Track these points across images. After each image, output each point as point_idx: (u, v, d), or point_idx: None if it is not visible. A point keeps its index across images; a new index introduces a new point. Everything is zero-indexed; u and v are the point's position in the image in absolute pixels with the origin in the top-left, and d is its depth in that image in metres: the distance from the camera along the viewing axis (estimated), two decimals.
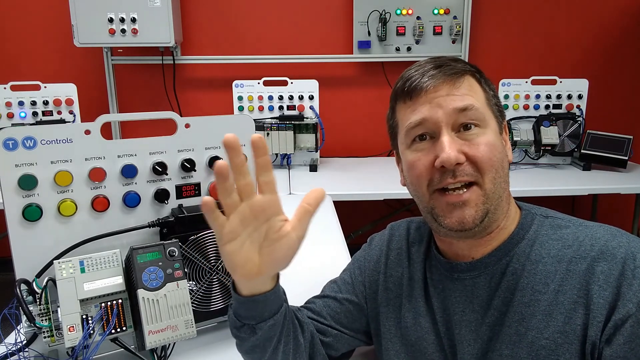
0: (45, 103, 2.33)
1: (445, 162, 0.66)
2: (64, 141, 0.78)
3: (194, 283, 0.88)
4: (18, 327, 0.78)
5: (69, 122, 2.34)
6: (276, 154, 2.43)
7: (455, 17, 2.71)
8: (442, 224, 0.70)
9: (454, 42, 2.75)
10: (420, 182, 0.71)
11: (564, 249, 0.68)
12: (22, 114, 2.33)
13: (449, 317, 0.74)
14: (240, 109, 2.44)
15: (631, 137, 2.34)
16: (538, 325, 0.65)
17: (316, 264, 1.33)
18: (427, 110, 0.69)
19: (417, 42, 2.75)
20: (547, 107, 2.43)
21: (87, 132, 0.80)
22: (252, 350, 0.73)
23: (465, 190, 0.68)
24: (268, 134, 2.36)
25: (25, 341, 0.79)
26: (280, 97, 2.42)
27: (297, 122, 2.39)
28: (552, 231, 0.71)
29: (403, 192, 2.33)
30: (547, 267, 0.68)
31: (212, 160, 0.89)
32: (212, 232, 0.87)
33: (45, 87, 2.34)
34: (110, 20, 2.42)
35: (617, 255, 0.64)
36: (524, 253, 0.70)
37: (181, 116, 0.86)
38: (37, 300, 0.76)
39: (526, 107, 2.43)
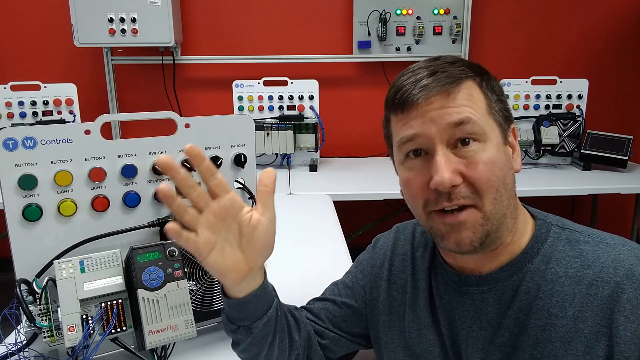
0: (45, 103, 2.33)
1: (438, 185, 0.61)
2: (64, 141, 0.78)
3: (194, 283, 0.88)
4: (18, 327, 0.78)
5: (69, 122, 2.34)
6: (276, 154, 2.44)
7: (455, 17, 2.71)
8: (441, 244, 0.66)
9: (454, 42, 2.75)
10: (416, 202, 0.67)
11: (583, 269, 0.63)
12: (22, 114, 2.33)
13: (455, 331, 0.71)
14: (240, 109, 2.43)
15: (631, 137, 2.34)
16: (555, 352, 0.61)
17: (316, 264, 1.33)
18: (419, 126, 0.63)
19: (417, 42, 2.75)
20: (547, 107, 2.43)
21: (87, 132, 0.80)
22: (249, 349, 0.73)
23: (462, 211, 0.63)
24: (268, 134, 2.36)
25: (25, 341, 0.79)
26: (280, 97, 2.42)
27: (297, 122, 2.39)
28: (570, 247, 0.65)
29: None
30: (565, 288, 0.63)
31: (212, 160, 0.89)
32: None
33: (45, 87, 2.33)
34: (110, 20, 2.42)
35: None
36: (538, 271, 0.65)
37: (181, 116, 0.86)
38: (37, 300, 0.76)
39: (526, 107, 2.43)
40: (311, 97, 2.43)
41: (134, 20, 2.42)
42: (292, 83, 2.42)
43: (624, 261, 0.61)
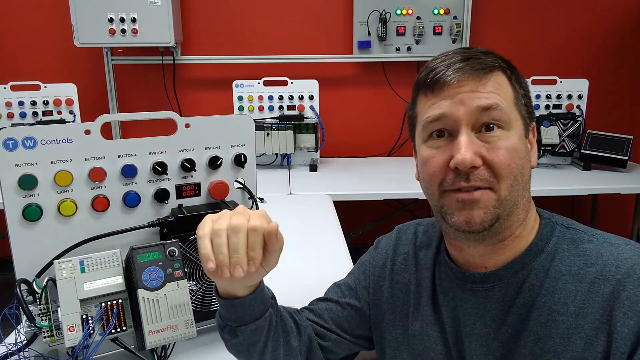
0: (45, 103, 2.33)
1: (459, 164, 0.62)
2: (64, 141, 0.78)
3: (194, 283, 0.88)
4: (18, 327, 0.78)
5: (69, 122, 2.34)
6: (276, 154, 2.44)
7: (455, 17, 2.71)
8: (450, 222, 0.66)
9: (454, 42, 2.74)
10: (433, 180, 0.67)
11: (585, 267, 0.64)
12: (22, 114, 2.33)
13: (459, 328, 0.71)
14: (240, 109, 2.44)
15: (631, 137, 2.34)
16: (555, 348, 0.62)
17: (316, 264, 1.33)
18: (447, 106, 0.65)
19: (417, 42, 2.74)
20: (547, 107, 2.43)
21: (87, 132, 0.80)
22: (237, 352, 0.74)
23: (476, 190, 0.64)
24: (268, 134, 2.36)
25: (25, 341, 0.79)
26: (280, 97, 2.42)
27: (297, 122, 2.39)
28: (574, 246, 0.66)
29: (403, 192, 2.32)
30: (567, 285, 0.63)
31: (212, 160, 0.89)
32: None
33: (45, 87, 2.34)
34: (110, 20, 2.42)
35: None
36: (542, 268, 0.66)
37: (181, 116, 0.86)
38: (37, 300, 0.76)
39: None
40: (311, 97, 2.43)
41: (134, 20, 2.42)
42: (292, 83, 2.42)
43: (626, 259, 0.62)
